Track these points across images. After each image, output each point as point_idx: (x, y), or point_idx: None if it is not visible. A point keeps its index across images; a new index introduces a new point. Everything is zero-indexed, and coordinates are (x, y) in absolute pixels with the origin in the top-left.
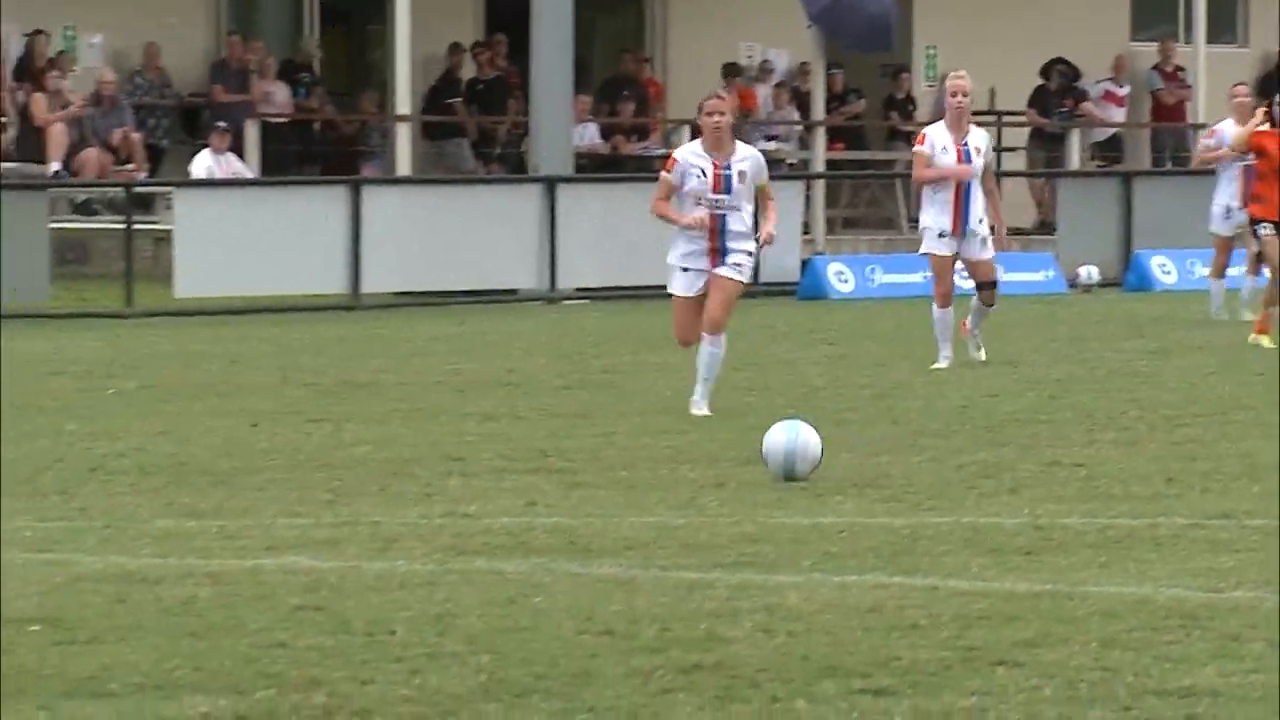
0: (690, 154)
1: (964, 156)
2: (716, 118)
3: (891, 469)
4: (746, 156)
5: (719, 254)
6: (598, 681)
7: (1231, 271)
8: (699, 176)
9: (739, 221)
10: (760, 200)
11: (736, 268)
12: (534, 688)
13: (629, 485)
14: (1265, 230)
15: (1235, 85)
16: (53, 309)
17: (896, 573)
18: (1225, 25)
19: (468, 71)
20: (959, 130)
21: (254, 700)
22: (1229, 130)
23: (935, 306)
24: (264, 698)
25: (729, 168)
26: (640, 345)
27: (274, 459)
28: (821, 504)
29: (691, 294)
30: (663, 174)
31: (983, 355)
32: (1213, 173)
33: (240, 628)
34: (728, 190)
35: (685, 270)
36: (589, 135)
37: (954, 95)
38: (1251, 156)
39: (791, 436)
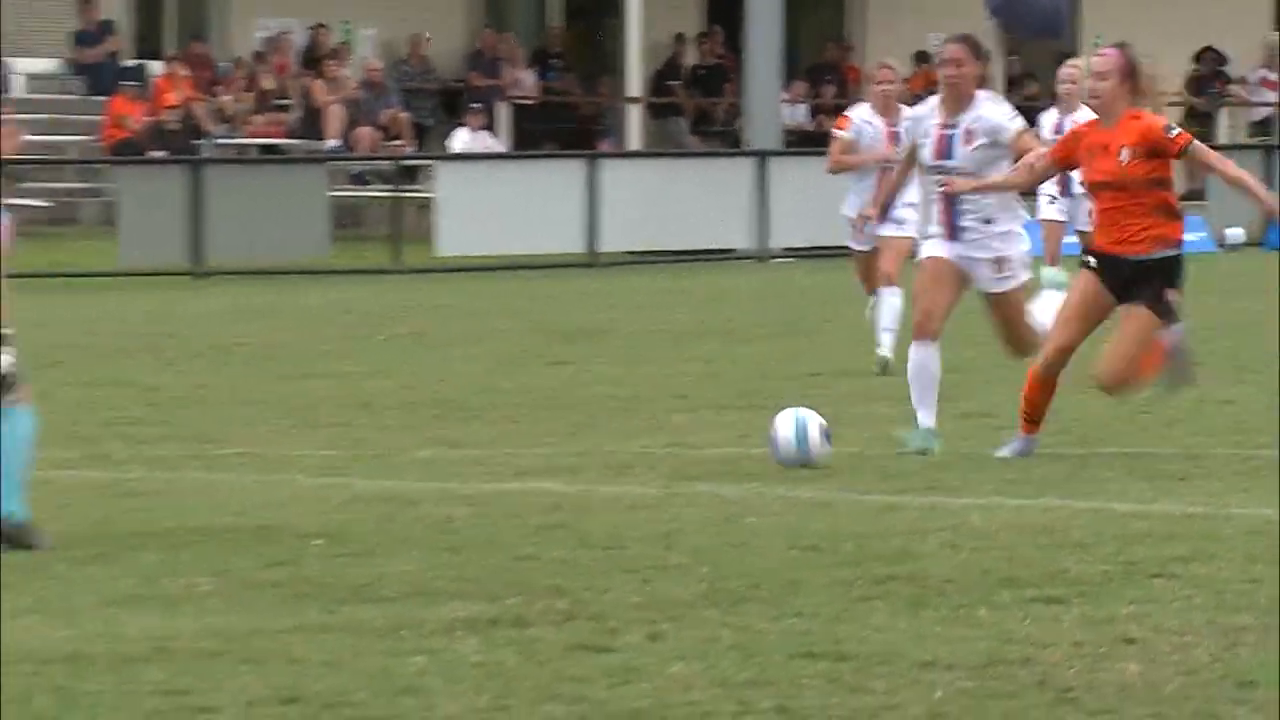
0: (860, 116)
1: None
2: (885, 85)
3: (1060, 406)
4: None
5: (886, 213)
6: (804, 590)
7: None
8: (871, 136)
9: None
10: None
11: (900, 224)
12: (749, 596)
13: (831, 420)
14: None
15: None
16: (332, 266)
17: (1065, 496)
18: None
19: (690, 59)
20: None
21: (505, 605)
22: None
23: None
24: (513, 604)
25: (898, 127)
26: (839, 298)
27: (521, 397)
28: (998, 436)
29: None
30: (837, 131)
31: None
32: None
33: (493, 543)
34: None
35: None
36: (798, 115)
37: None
38: None
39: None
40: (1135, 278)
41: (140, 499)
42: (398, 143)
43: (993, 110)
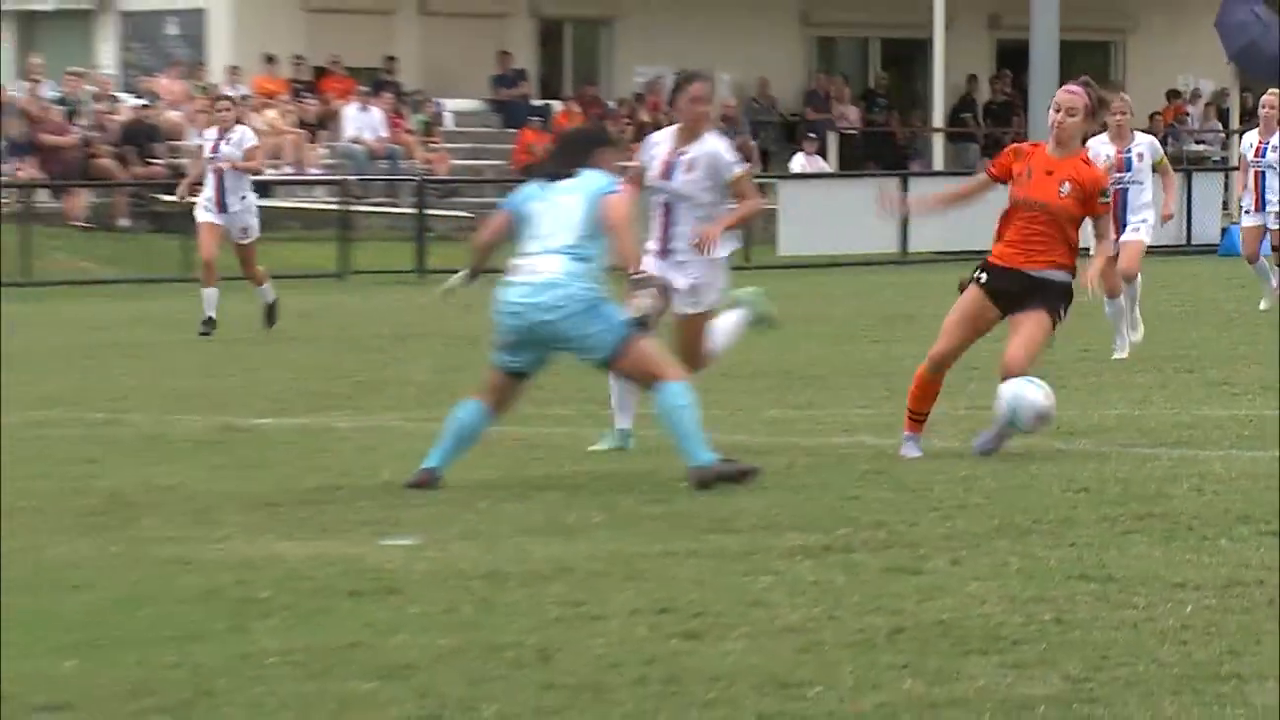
0: (1098, 143)
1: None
2: (1119, 116)
3: None
4: (1142, 142)
5: (1121, 223)
6: (1078, 524)
7: None
8: (1105, 159)
9: (1140, 194)
10: (1162, 175)
11: (1135, 230)
12: (1032, 529)
13: (1097, 388)
14: None
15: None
16: None
17: None
18: None
19: (983, 96)
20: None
21: (835, 535)
22: None
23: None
24: (842, 534)
25: (1129, 152)
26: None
27: (848, 367)
28: (1236, 401)
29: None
30: None
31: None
32: None
33: (825, 485)
34: (1129, 169)
35: None
36: None
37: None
38: None
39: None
40: (1030, 289)
41: (544, 450)
42: (747, 165)
43: (717, 145)
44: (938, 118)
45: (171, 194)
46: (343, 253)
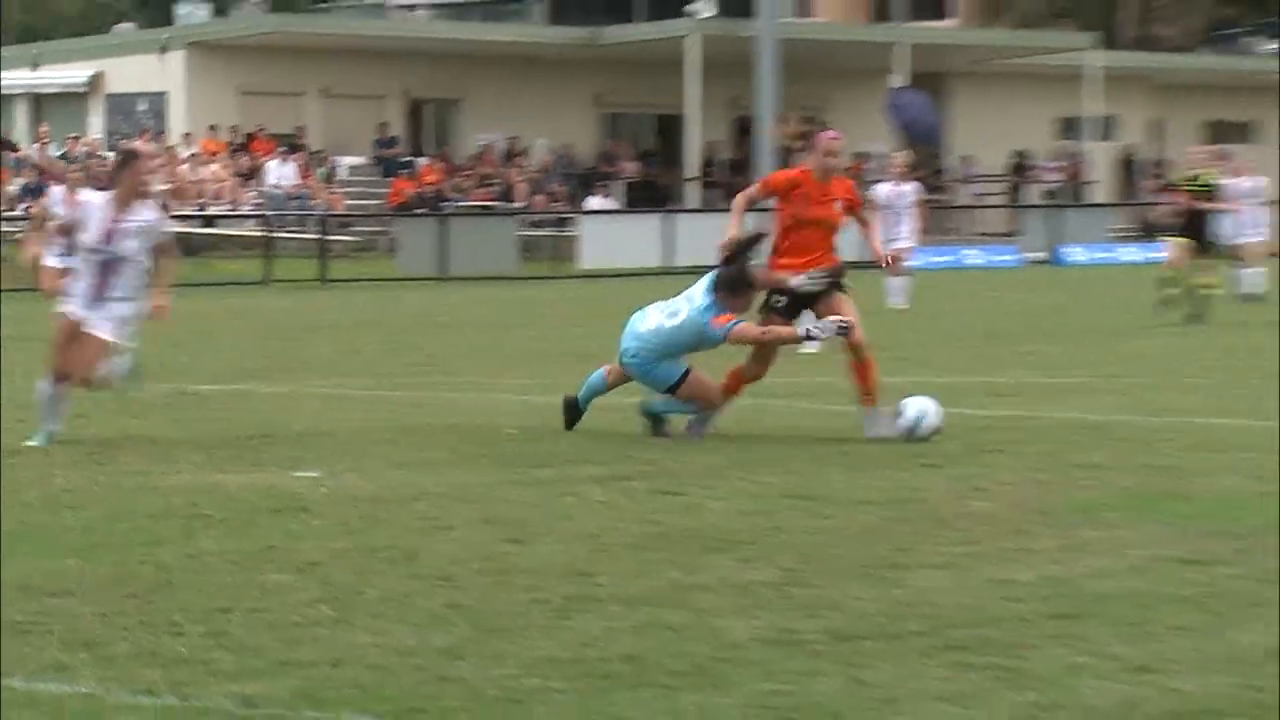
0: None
1: None
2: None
3: None
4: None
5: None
6: (791, 460)
7: None
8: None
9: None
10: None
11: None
12: (759, 463)
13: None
14: None
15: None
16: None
17: None
18: None
19: (725, 155)
20: None
21: (618, 469)
22: None
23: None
24: (623, 468)
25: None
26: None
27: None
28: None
29: None
30: None
31: None
32: None
33: (615, 434)
34: None
35: None
36: None
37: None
38: None
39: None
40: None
41: (409, 408)
42: (558, 205)
43: (154, 213)
44: (691, 170)
45: None
46: (266, 266)
